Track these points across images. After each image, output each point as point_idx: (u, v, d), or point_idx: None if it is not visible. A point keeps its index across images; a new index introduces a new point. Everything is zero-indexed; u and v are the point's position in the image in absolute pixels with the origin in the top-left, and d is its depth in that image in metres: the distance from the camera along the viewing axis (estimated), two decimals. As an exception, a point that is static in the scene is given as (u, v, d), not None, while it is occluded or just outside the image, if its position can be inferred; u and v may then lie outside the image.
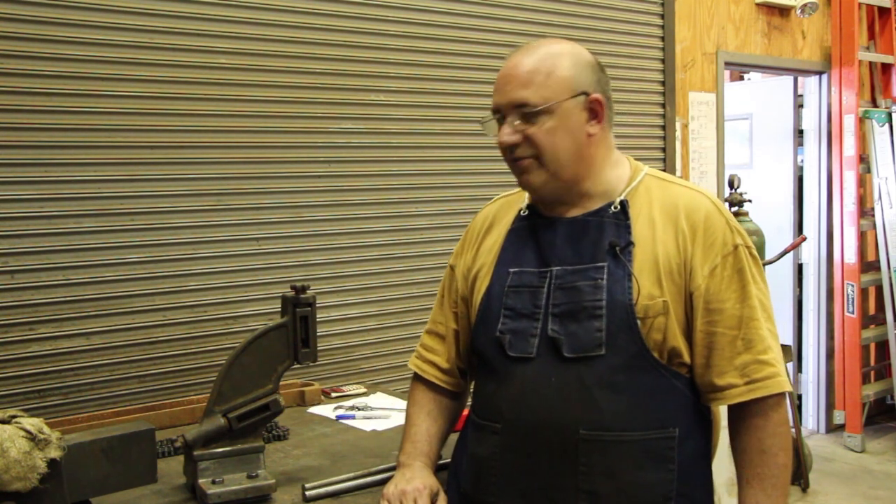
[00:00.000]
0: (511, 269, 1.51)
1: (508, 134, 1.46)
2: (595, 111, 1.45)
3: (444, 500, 1.53)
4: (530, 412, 1.42)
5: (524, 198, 1.59)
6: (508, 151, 1.47)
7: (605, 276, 1.41)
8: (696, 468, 1.45)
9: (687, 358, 1.42)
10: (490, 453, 1.48)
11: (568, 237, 1.48)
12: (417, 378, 1.71)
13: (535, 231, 1.52)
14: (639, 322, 1.38)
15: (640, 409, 1.39)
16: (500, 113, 1.48)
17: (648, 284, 1.40)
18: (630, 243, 1.42)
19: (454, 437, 1.68)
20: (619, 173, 1.51)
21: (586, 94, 1.44)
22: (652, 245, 1.42)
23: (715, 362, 1.41)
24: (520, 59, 1.47)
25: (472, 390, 1.67)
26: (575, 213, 1.49)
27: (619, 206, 1.46)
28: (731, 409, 1.44)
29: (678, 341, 1.41)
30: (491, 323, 1.50)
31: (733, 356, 1.40)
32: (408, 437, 1.63)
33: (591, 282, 1.41)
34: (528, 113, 1.43)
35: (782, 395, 1.41)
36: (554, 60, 1.44)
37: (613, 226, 1.45)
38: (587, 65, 1.46)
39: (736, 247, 1.43)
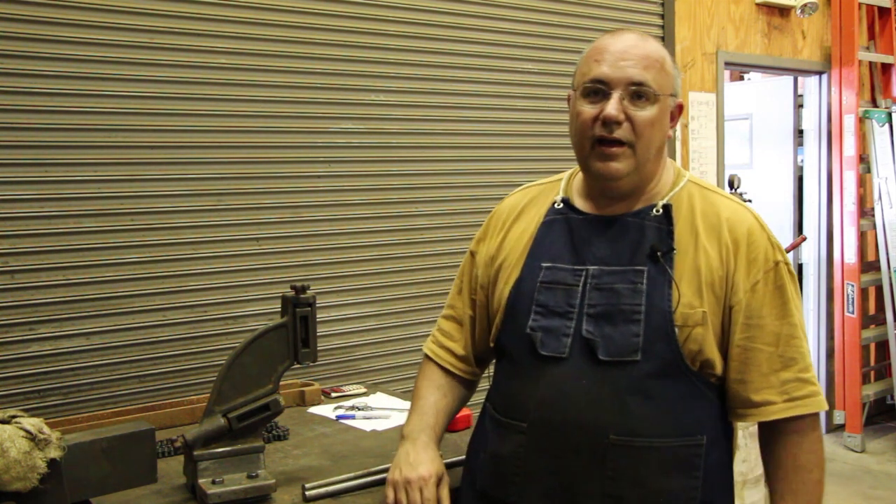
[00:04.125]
0: (544, 264, 1.47)
1: (616, 108, 1.38)
2: (674, 116, 1.47)
3: (447, 484, 1.50)
4: (559, 413, 1.39)
5: (558, 188, 1.55)
6: (604, 128, 1.39)
7: (644, 281, 1.39)
8: (719, 476, 1.44)
9: (719, 370, 1.41)
10: (513, 452, 1.45)
11: (606, 236, 1.44)
12: (430, 360, 1.67)
13: (570, 225, 1.48)
14: (676, 330, 1.37)
15: (671, 416, 1.38)
16: (606, 86, 1.40)
17: (689, 293, 1.38)
18: (672, 249, 1.40)
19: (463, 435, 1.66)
20: (665, 177, 1.50)
21: (675, 96, 1.46)
22: (694, 254, 1.40)
23: (751, 378, 1.40)
24: (634, 41, 1.42)
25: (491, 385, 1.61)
26: (615, 211, 1.46)
27: (661, 210, 1.44)
28: (765, 425, 1.44)
29: (713, 353, 1.39)
30: (520, 319, 1.46)
31: (770, 373, 1.39)
32: (415, 409, 1.60)
33: (631, 285, 1.39)
34: (640, 94, 1.39)
35: (818, 414, 1.42)
36: (664, 55, 1.44)
37: (655, 229, 1.42)
38: (678, 71, 1.49)
39: (777, 263, 1.42)
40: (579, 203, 1.51)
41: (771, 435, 1.43)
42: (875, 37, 5.03)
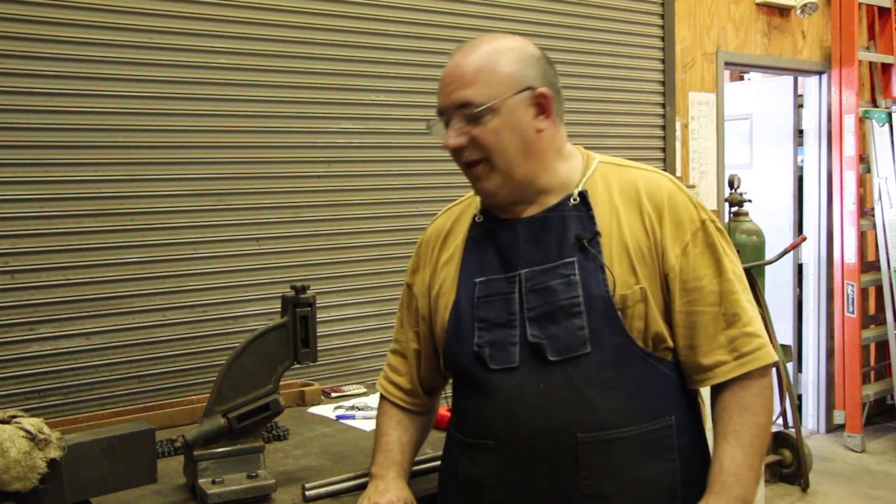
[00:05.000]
0: (477, 280, 1.45)
1: (454, 137, 1.39)
2: (542, 106, 1.40)
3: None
4: (522, 424, 1.37)
5: (475, 203, 1.53)
6: (457, 155, 1.42)
7: (576, 272, 1.37)
8: (696, 453, 1.43)
9: (669, 341, 1.39)
10: (485, 472, 1.43)
11: (530, 237, 1.42)
12: (384, 397, 1.66)
13: (494, 235, 1.46)
14: (619, 313, 1.35)
15: (634, 402, 1.36)
16: (445, 115, 1.41)
17: (623, 273, 1.36)
18: (597, 234, 1.38)
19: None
20: (573, 165, 1.46)
21: (531, 88, 1.38)
22: (619, 232, 1.39)
23: (700, 342, 1.38)
24: (461, 57, 1.41)
25: (450, 408, 1.60)
26: (533, 211, 1.44)
27: (578, 198, 1.41)
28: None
29: (660, 326, 1.38)
30: (465, 338, 1.44)
31: (717, 333, 1.37)
32: (379, 448, 1.59)
33: (564, 279, 1.37)
34: (471, 114, 1.37)
35: (769, 365, 1.39)
36: (496, 56, 1.39)
37: (576, 218, 1.40)
38: (532, 58, 1.41)
39: (703, 222, 1.40)
40: (499, 212, 1.48)
41: (719, 385, 1.41)
42: (875, 37, 5.03)
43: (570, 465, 1.35)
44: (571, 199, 1.42)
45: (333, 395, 2.56)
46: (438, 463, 1.66)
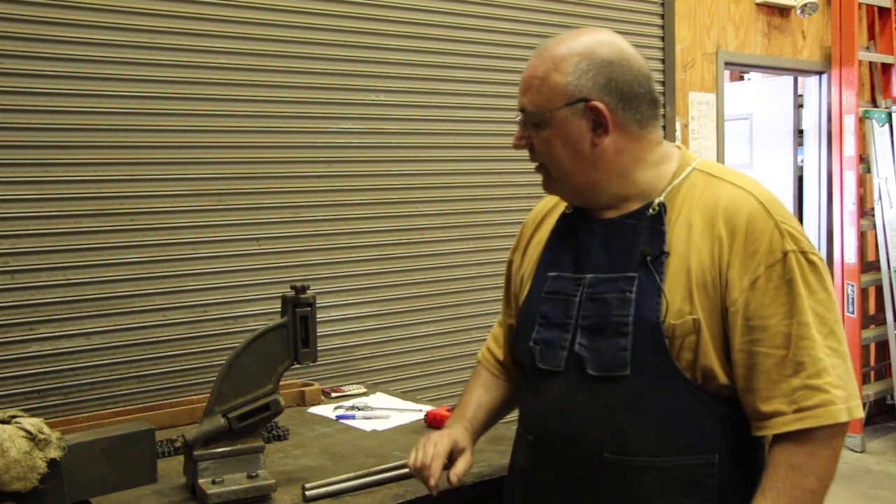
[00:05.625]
0: (550, 274, 1.43)
1: (517, 137, 1.40)
2: (599, 116, 1.31)
3: (466, 461, 1.49)
4: (557, 429, 1.37)
5: None
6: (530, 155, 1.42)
7: (634, 289, 1.29)
8: (742, 498, 1.29)
9: (724, 378, 1.28)
10: (524, 462, 1.46)
11: (603, 241, 1.37)
12: (480, 363, 1.70)
13: (575, 232, 1.43)
14: (667, 341, 1.26)
15: (670, 433, 1.28)
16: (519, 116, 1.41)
17: (679, 300, 1.27)
18: (663, 252, 1.29)
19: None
20: (663, 171, 1.36)
21: (585, 100, 1.31)
22: (686, 254, 1.28)
23: (759, 386, 1.25)
24: (533, 59, 1.37)
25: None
26: (612, 214, 1.38)
27: (657, 209, 1.33)
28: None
29: (712, 360, 1.27)
30: (527, 330, 1.43)
31: (781, 379, 1.23)
32: (457, 406, 1.63)
33: (620, 294, 1.30)
34: (527, 121, 1.36)
35: (837, 426, 1.22)
36: (558, 64, 1.32)
37: (649, 230, 1.32)
38: (597, 66, 1.31)
39: (786, 254, 1.24)
40: (585, 209, 1.44)
41: (776, 442, 1.27)
42: (875, 37, 5.03)
43: (595, 480, 1.32)
44: (651, 209, 1.33)
45: (333, 395, 2.56)
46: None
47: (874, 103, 5.02)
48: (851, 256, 4.75)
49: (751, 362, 1.25)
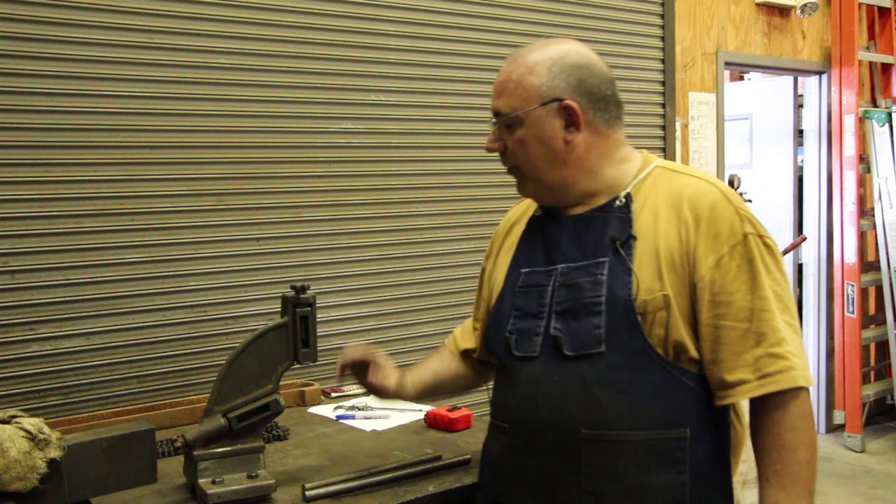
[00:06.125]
0: (522, 270, 1.52)
1: (490, 140, 1.50)
2: (570, 116, 1.42)
3: (373, 371, 1.67)
4: (534, 412, 1.42)
5: None
6: (501, 158, 1.52)
7: (605, 272, 1.39)
8: (712, 471, 1.40)
9: (693, 352, 1.37)
10: (500, 453, 1.51)
11: (573, 234, 1.46)
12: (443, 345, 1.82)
13: (544, 230, 1.52)
14: (639, 318, 1.35)
15: (644, 407, 1.35)
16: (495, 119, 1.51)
17: (648, 278, 1.37)
18: (631, 237, 1.40)
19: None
20: (627, 168, 1.48)
21: (558, 100, 1.42)
22: (653, 237, 1.39)
23: (724, 357, 1.35)
24: (506, 65, 1.49)
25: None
26: (581, 210, 1.48)
27: (623, 200, 1.44)
28: (751, 406, 1.39)
29: (682, 335, 1.36)
30: (502, 324, 1.51)
31: (744, 350, 1.34)
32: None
33: (592, 278, 1.40)
34: (501, 122, 1.47)
35: (802, 389, 1.34)
36: (531, 67, 1.43)
37: (617, 220, 1.42)
38: (569, 69, 1.43)
39: (745, 236, 1.36)
40: (553, 208, 1.54)
41: (755, 416, 1.38)
42: (875, 37, 5.04)
43: (573, 459, 1.38)
44: (617, 201, 1.44)
45: (333, 395, 2.56)
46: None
47: (874, 103, 5.02)
48: (851, 256, 4.75)
49: (716, 335, 1.36)
